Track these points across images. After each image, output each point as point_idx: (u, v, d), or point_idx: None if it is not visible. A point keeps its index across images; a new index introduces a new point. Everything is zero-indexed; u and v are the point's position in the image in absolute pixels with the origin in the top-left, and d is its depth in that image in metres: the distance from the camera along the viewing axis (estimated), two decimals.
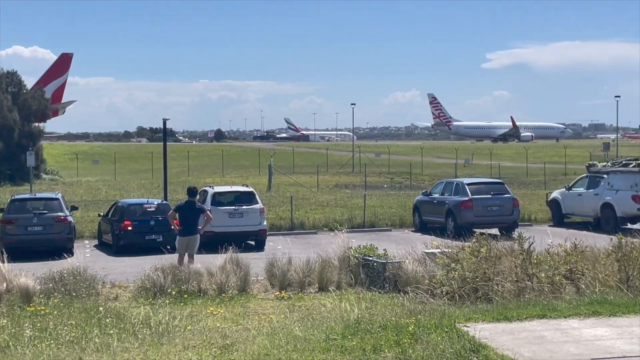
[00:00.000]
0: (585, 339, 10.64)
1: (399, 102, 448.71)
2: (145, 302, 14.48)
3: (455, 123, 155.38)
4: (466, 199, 26.32)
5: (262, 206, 24.89)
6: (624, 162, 29.06)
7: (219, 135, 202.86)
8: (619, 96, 77.63)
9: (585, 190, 28.85)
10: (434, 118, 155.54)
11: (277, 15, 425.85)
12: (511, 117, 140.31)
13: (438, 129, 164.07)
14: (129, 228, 23.64)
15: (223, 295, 15.21)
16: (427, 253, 15.78)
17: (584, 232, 25.36)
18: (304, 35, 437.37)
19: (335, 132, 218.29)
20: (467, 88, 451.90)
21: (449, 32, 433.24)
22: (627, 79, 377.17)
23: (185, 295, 14.99)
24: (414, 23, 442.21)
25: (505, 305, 12.63)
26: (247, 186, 26.29)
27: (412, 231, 28.20)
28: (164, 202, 25.84)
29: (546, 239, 17.61)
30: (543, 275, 13.88)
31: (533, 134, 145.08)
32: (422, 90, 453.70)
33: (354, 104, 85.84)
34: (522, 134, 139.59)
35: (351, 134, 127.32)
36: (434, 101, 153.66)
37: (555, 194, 30.75)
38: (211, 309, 13.80)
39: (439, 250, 15.76)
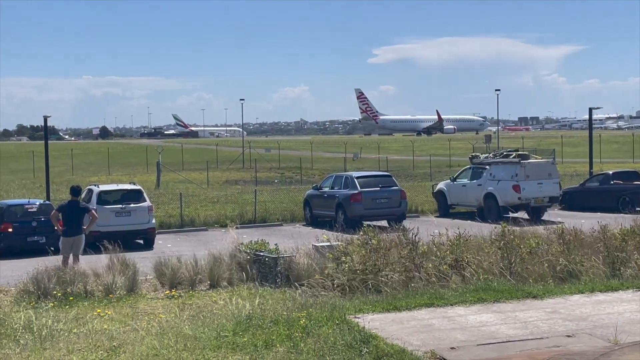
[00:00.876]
0: (471, 325, 10.94)
1: (288, 97, 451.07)
2: (28, 305, 13.90)
3: (382, 117, 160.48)
4: (355, 192, 26.63)
5: (150, 204, 24.43)
6: (504, 153, 30.13)
7: (104, 133, 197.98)
8: (499, 90, 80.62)
9: (469, 181, 29.74)
10: (361, 112, 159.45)
11: (159, 9, 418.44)
12: (437, 111, 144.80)
13: (365, 123, 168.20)
14: (10, 230, 22.72)
15: (110, 296, 14.80)
16: (317, 246, 15.85)
17: (469, 221, 26.14)
18: (189, 29, 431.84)
19: (224, 128, 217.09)
20: (355, 82, 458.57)
21: (336, 28, 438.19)
22: (506, 72, 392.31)
23: (71, 298, 14.49)
24: (302, 18, 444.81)
25: (394, 296, 12.84)
26: (134, 184, 25.79)
27: (304, 225, 28.32)
28: (47, 202, 24.99)
29: (433, 229, 18.06)
30: (430, 265, 14.18)
31: (455, 127, 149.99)
32: (310, 86, 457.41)
33: (243, 100, 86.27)
34: (445, 127, 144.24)
35: (241, 129, 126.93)
36: (361, 96, 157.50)
37: (440, 185, 31.56)
38: (98, 310, 13.39)
39: (329, 244, 15.86)
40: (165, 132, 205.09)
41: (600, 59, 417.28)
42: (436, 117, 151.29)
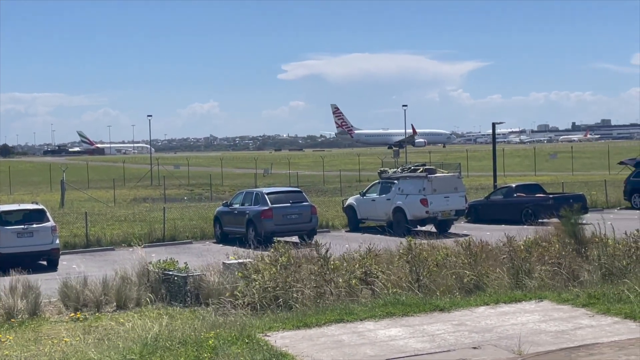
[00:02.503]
0: (380, 340, 11.02)
1: (197, 113, 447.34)
2: None
3: (356, 132, 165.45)
4: (266, 208, 26.57)
5: (54, 224, 23.71)
6: (412, 167, 30.67)
7: (5, 151, 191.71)
8: (406, 105, 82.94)
9: (378, 196, 30.10)
10: (337, 127, 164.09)
11: (63, 23, 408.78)
12: (412, 125, 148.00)
13: (341, 137, 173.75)
14: None
15: (12, 320, 14.27)
16: (228, 264, 15.71)
17: (378, 235, 26.37)
18: (94, 43, 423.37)
19: (132, 145, 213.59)
20: (265, 98, 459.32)
21: (246, 43, 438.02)
22: (413, 88, 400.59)
23: None
24: (210, 33, 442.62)
25: (304, 312, 12.81)
26: (36, 203, 24.98)
27: (214, 242, 28.04)
28: None
29: (343, 244, 18.17)
30: (340, 280, 14.24)
31: (425, 140, 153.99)
32: (220, 101, 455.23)
33: (151, 116, 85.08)
34: (415, 140, 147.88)
35: (149, 146, 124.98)
36: (336, 111, 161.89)
37: (350, 200, 31.83)
38: None
39: (240, 261, 15.75)
40: (70, 150, 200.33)
41: (503, 75, 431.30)
42: (408, 131, 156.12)
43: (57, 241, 23.48)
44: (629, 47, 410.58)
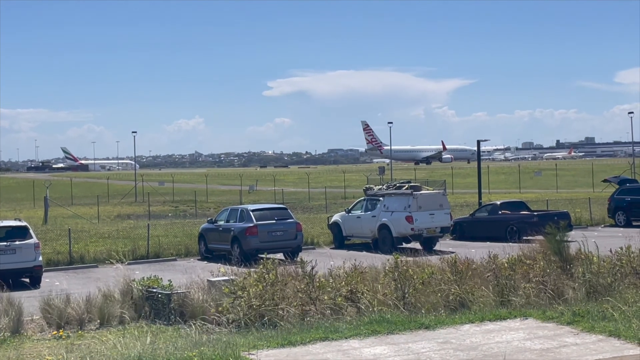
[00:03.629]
0: (365, 359, 10.97)
1: (182, 130, 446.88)
2: None
3: (385, 147, 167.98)
4: (251, 225, 26.48)
5: (37, 241, 23.49)
6: (397, 184, 30.70)
7: None
8: (391, 122, 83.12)
9: (363, 213, 30.09)
10: (367, 143, 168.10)
11: (46, 38, 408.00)
12: (442, 141, 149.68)
13: (371, 152, 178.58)
14: None
15: None
16: (212, 281, 15.61)
17: (364, 252, 26.41)
18: (78, 59, 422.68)
19: (116, 161, 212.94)
20: (250, 115, 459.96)
21: (231, 60, 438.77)
22: (399, 105, 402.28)
23: None
24: (196, 49, 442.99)
25: (289, 330, 12.75)
26: (19, 220, 24.75)
27: (198, 260, 27.90)
28: None
29: (329, 261, 18.12)
30: (326, 297, 14.19)
31: (452, 156, 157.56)
32: (206, 117, 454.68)
33: (135, 132, 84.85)
34: (443, 156, 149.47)
35: (133, 162, 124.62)
36: (366, 128, 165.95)
37: (336, 217, 31.80)
38: None
39: (225, 278, 15.65)
40: (54, 166, 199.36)
41: (488, 93, 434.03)
42: (435, 146, 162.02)
43: (40, 258, 23.26)
44: (613, 65, 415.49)
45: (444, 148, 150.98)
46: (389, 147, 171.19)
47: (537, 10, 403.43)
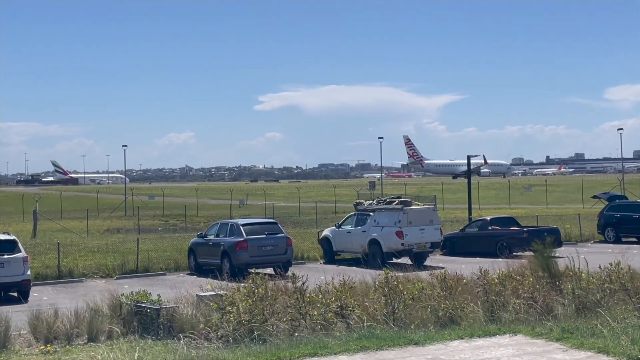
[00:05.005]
0: None
1: (173, 144, 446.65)
2: None
3: (426, 161, 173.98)
4: (241, 239, 26.43)
5: (26, 255, 23.35)
6: (388, 200, 30.71)
7: None
8: (382, 137, 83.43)
9: (353, 228, 30.09)
10: (408, 157, 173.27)
11: (36, 51, 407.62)
12: (483, 156, 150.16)
13: (412, 166, 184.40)
14: None
15: None
16: (202, 296, 15.56)
17: (354, 267, 26.36)
18: (68, 73, 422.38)
19: (106, 175, 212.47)
20: (241, 129, 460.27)
21: (222, 74, 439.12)
22: (390, 120, 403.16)
23: None
24: (187, 63, 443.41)
25: (278, 346, 12.70)
26: (8, 234, 24.62)
27: (188, 274, 27.80)
28: None
29: (319, 276, 18.09)
30: (316, 312, 14.16)
31: (490, 170, 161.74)
32: (196, 132, 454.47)
33: (126, 146, 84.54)
34: (481, 170, 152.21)
35: (123, 176, 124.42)
36: (408, 142, 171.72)
37: (326, 232, 31.77)
38: None
39: (214, 293, 15.60)
40: (44, 179, 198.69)
41: (478, 108, 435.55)
42: (475, 161, 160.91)
43: (29, 272, 23.13)
44: (603, 82, 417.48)
45: (485, 162, 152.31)
46: (429, 161, 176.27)
47: (528, 27, 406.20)
